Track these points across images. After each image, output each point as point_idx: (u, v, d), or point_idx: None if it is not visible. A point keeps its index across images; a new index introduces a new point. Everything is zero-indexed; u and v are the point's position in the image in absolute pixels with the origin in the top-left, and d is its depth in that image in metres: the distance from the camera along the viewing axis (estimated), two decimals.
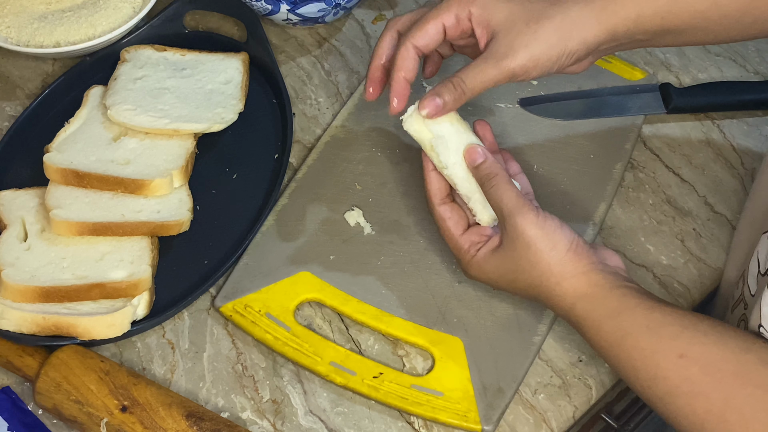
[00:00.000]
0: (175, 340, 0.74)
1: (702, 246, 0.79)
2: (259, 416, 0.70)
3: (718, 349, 0.59)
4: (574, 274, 0.65)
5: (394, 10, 0.96)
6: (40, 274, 0.72)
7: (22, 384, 0.72)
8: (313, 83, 0.90)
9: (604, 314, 0.63)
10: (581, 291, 0.65)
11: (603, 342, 0.64)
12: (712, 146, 0.85)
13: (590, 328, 0.65)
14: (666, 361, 0.60)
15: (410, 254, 0.76)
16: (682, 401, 0.59)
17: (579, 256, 0.65)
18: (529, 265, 0.66)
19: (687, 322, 0.61)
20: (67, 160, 0.78)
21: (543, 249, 0.65)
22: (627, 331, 0.62)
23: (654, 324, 0.61)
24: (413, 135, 0.71)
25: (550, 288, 0.66)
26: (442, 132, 0.70)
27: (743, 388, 0.57)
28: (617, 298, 0.63)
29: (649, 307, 0.62)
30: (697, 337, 0.60)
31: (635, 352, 0.61)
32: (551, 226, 0.66)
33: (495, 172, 0.68)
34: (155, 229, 0.76)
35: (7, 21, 0.88)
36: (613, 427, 0.86)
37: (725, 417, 0.57)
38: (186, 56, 0.89)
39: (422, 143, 0.71)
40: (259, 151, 0.84)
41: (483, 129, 0.75)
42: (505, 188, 0.67)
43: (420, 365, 0.72)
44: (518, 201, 0.66)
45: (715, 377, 0.58)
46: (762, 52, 0.91)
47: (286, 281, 0.75)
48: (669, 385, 0.60)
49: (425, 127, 0.70)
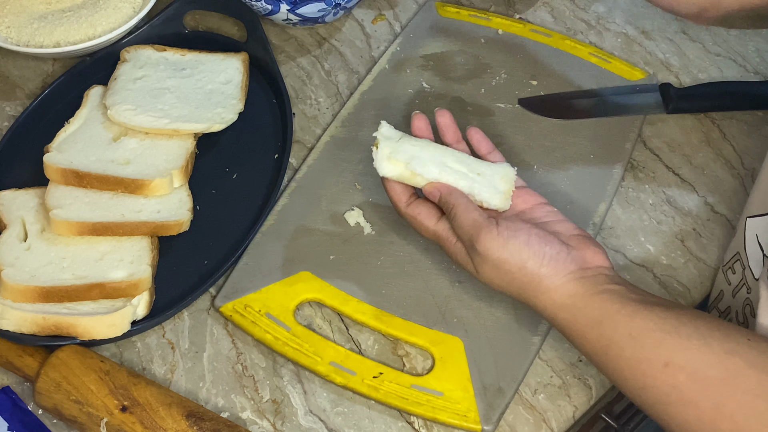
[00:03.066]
0: (175, 340, 0.74)
1: (702, 246, 0.79)
2: (259, 416, 0.70)
3: (703, 354, 0.58)
4: (550, 288, 0.65)
5: (394, 10, 0.96)
6: (40, 274, 0.72)
7: (22, 384, 0.72)
8: (313, 83, 0.90)
9: (585, 324, 0.63)
10: (560, 302, 0.64)
11: (588, 350, 0.64)
12: (712, 146, 0.85)
13: (574, 338, 0.64)
14: (652, 370, 0.59)
15: (410, 254, 0.76)
16: (672, 410, 0.58)
17: (555, 269, 0.65)
18: (505, 282, 0.67)
19: (669, 326, 0.60)
20: (67, 160, 0.78)
21: (512, 269, 0.65)
22: (610, 340, 0.61)
23: (636, 332, 0.60)
24: (389, 175, 0.71)
25: (530, 300, 0.66)
26: (411, 153, 0.71)
27: (732, 395, 0.56)
28: (598, 306, 0.63)
29: (630, 313, 0.61)
30: (681, 343, 0.59)
31: (621, 361, 0.61)
32: (516, 246, 0.65)
33: (452, 203, 0.69)
34: (155, 229, 0.76)
35: (7, 21, 0.88)
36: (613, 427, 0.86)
37: (717, 425, 0.56)
38: (186, 56, 0.89)
39: (402, 176, 0.71)
40: (259, 151, 0.84)
41: (442, 118, 0.75)
42: (464, 215, 0.67)
43: (420, 365, 0.72)
44: (478, 224, 0.66)
45: (703, 385, 0.57)
46: (762, 52, 0.91)
47: (286, 281, 0.75)
48: (658, 394, 0.59)
49: (395, 161, 0.71)
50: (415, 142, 0.72)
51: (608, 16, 0.95)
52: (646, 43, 0.92)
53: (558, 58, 0.90)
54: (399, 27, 0.94)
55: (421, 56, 0.90)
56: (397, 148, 0.71)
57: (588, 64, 0.89)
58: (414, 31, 0.92)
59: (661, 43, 0.92)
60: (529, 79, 0.88)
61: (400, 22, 0.95)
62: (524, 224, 0.67)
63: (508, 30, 0.92)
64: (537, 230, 0.66)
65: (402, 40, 0.91)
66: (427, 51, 0.90)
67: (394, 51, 0.90)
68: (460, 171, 0.71)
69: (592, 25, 0.94)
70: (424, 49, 0.90)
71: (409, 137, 0.73)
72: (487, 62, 0.89)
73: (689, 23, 0.93)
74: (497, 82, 0.88)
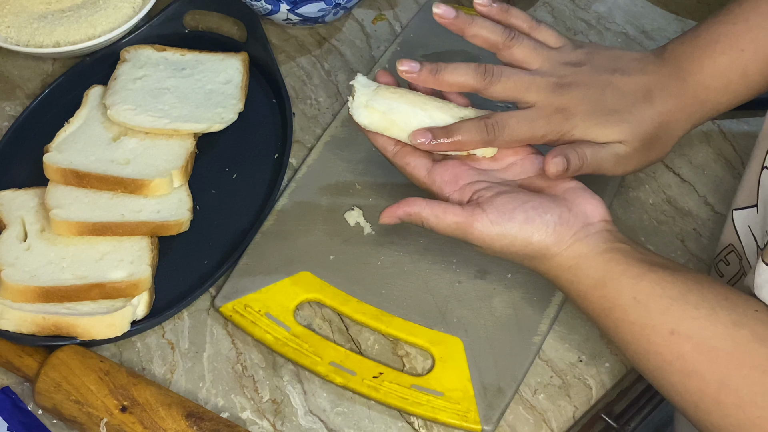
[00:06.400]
0: (175, 340, 0.74)
1: (702, 246, 0.79)
2: (259, 416, 0.70)
3: (711, 324, 0.57)
4: (556, 253, 0.63)
5: (394, 10, 0.96)
6: (39, 274, 0.72)
7: (22, 384, 0.72)
8: (313, 83, 0.90)
9: (588, 285, 0.62)
10: (565, 265, 0.63)
11: (590, 312, 0.63)
12: (712, 146, 0.85)
13: (576, 299, 0.63)
14: (657, 337, 0.58)
15: (410, 254, 0.76)
16: (675, 378, 0.58)
17: (560, 234, 0.63)
18: (510, 256, 0.65)
19: (676, 292, 0.58)
20: (66, 159, 0.78)
21: (518, 249, 0.64)
22: (614, 303, 0.60)
23: (641, 296, 0.59)
24: (366, 123, 0.69)
25: (534, 266, 0.65)
26: (388, 103, 0.69)
27: (739, 369, 0.55)
28: (602, 266, 0.61)
29: (635, 276, 0.60)
30: (688, 311, 0.58)
31: (624, 325, 0.60)
32: (515, 227, 0.63)
33: (419, 220, 0.66)
34: (155, 229, 0.76)
35: (7, 21, 0.88)
36: (613, 427, 0.86)
37: (720, 399, 0.55)
38: (186, 56, 0.89)
39: (380, 126, 0.69)
40: (259, 151, 0.84)
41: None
42: (441, 224, 0.65)
43: (420, 365, 0.72)
44: (461, 224, 0.64)
45: (709, 357, 0.56)
46: None
47: (286, 281, 0.75)
48: (661, 361, 0.58)
49: (372, 109, 0.69)
50: (393, 90, 0.70)
51: (608, 16, 0.95)
52: (646, 43, 0.92)
53: None
54: (399, 27, 0.94)
55: (421, 56, 0.90)
56: (374, 97, 0.69)
57: None
58: (414, 31, 0.92)
59: (661, 43, 0.92)
60: None
61: (400, 22, 0.95)
62: (515, 199, 0.64)
63: None
64: (531, 201, 0.64)
65: (402, 40, 0.91)
66: (427, 51, 0.90)
67: (394, 51, 0.90)
68: (442, 119, 0.69)
69: (592, 25, 0.94)
70: (424, 49, 0.90)
71: (386, 87, 0.70)
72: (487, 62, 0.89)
73: (689, 23, 0.94)
74: None
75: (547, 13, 0.95)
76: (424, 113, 0.69)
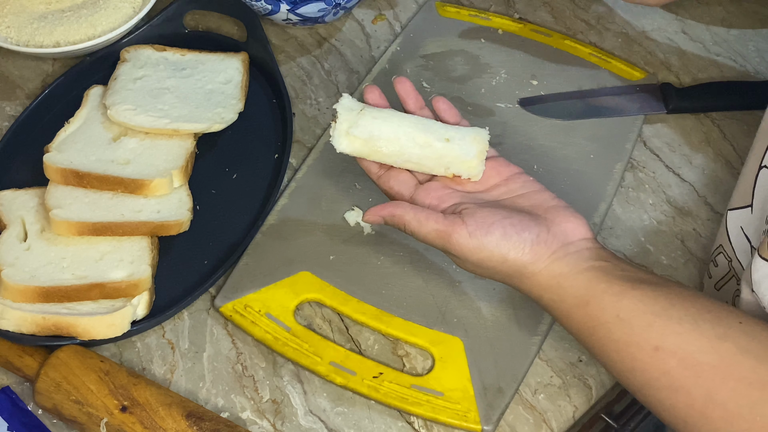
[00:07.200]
0: (175, 340, 0.74)
1: (702, 246, 0.79)
2: (259, 416, 0.70)
3: (694, 339, 0.56)
4: (534, 272, 0.63)
5: (394, 10, 0.96)
6: (39, 274, 0.72)
7: (22, 384, 0.72)
8: (313, 83, 0.90)
9: (571, 304, 0.62)
10: (545, 284, 0.63)
11: (575, 331, 0.62)
12: (712, 146, 0.85)
13: (560, 318, 0.63)
14: (642, 354, 0.58)
15: (410, 254, 0.76)
16: (662, 395, 0.57)
17: (537, 253, 0.63)
18: (489, 274, 0.66)
19: (658, 308, 0.58)
20: (67, 160, 0.78)
21: (494, 265, 0.64)
22: (598, 321, 0.60)
23: (624, 313, 0.59)
24: (347, 151, 0.70)
25: (515, 285, 0.65)
26: (369, 130, 0.69)
27: (724, 382, 0.55)
28: (584, 285, 0.61)
29: (617, 293, 0.60)
30: (671, 326, 0.57)
31: (609, 343, 0.60)
32: (493, 242, 0.63)
33: (401, 223, 0.67)
34: (155, 229, 0.76)
35: (7, 21, 0.88)
36: (613, 427, 0.86)
37: (707, 413, 0.55)
38: (186, 56, 0.89)
39: (362, 152, 0.70)
40: (259, 151, 0.84)
41: (401, 85, 0.72)
42: (422, 230, 0.66)
43: (420, 365, 0.72)
44: (442, 232, 0.65)
45: (695, 371, 0.56)
46: (762, 52, 0.91)
47: (286, 281, 0.75)
48: (647, 378, 0.58)
49: (353, 137, 0.69)
50: (377, 114, 0.70)
51: (608, 16, 0.95)
52: (646, 43, 0.92)
53: (558, 58, 0.90)
54: (399, 27, 0.94)
55: (421, 56, 0.90)
56: (357, 122, 0.69)
57: (588, 64, 0.89)
58: (414, 31, 0.92)
59: (661, 43, 0.92)
60: (529, 79, 0.88)
61: (400, 22, 0.95)
62: (495, 214, 0.64)
63: (508, 30, 0.92)
64: (510, 218, 0.64)
65: (402, 40, 0.91)
66: (427, 51, 0.90)
67: (394, 51, 0.90)
68: (426, 141, 0.69)
69: (592, 25, 0.94)
70: (424, 49, 0.90)
71: (371, 108, 0.70)
72: (487, 62, 0.89)
73: (689, 23, 0.94)
74: (497, 82, 0.88)
75: (547, 13, 0.95)
76: (406, 138, 0.69)
